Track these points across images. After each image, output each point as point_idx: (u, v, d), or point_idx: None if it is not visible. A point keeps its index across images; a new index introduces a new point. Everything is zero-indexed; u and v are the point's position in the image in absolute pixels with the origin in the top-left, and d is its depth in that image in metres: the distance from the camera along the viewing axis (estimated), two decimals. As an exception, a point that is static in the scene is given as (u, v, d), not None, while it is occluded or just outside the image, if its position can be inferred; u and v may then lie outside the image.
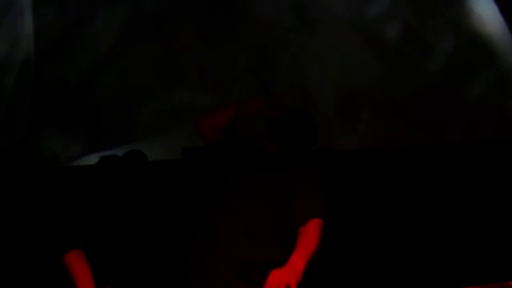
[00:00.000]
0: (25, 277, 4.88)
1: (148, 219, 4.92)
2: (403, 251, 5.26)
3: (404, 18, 5.87)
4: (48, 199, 5.48)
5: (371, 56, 5.89)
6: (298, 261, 3.66)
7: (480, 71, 5.80)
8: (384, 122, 5.77)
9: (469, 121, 5.70)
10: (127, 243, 4.33)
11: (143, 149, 5.49)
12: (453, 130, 5.69)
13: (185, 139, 5.61)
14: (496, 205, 5.35)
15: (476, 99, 5.78)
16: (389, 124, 5.75)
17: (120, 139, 5.86)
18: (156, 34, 5.99)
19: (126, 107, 5.93)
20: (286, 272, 3.55)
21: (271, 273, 3.53)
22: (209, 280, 3.79)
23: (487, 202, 5.37)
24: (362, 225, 5.32)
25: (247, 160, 4.18)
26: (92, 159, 5.85)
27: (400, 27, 5.82)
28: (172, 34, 6.00)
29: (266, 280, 3.52)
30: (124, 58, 6.02)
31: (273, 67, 5.89)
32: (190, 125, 5.59)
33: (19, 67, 6.13)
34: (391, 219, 5.32)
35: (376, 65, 5.87)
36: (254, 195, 3.98)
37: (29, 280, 4.82)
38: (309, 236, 3.83)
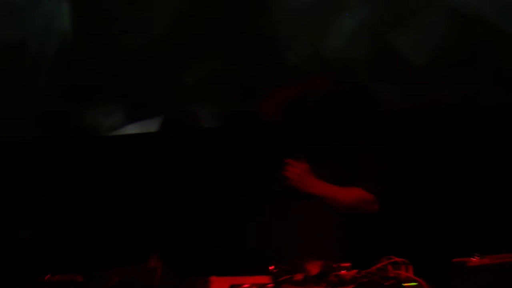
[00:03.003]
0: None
1: (191, 187, 4.94)
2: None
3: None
4: (92, 169, 5.52)
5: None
6: (323, 185, 3.83)
7: None
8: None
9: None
10: (170, 209, 4.35)
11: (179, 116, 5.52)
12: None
13: (227, 106, 5.59)
14: None
15: None
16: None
17: (160, 108, 5.85)
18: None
19: (167, 75, 5.91)
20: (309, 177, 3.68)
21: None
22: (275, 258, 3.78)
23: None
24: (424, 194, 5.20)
25: (307, 136, 4.17)
26: (133, 128, 5.88)
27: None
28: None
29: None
30: (162, 26, 5.99)
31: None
32: (230, 92, 5.59)
33: (58, 39, 6.14)
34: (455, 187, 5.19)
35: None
36: (316, 172, 3.99)
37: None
38: (353, 191, 3.90)
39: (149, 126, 5.67)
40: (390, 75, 5.28)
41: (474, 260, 3.14)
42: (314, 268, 3.18)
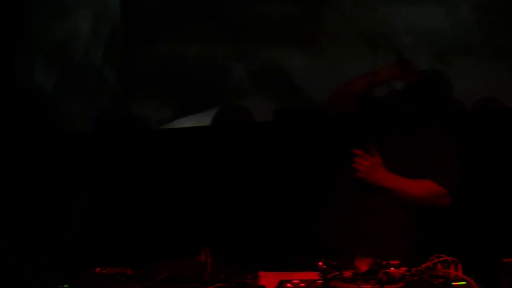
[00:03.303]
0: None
1: (242, 180, 4.96)
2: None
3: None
4: (141, 162, 5.56)
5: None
6: (394, 178, 3.81)
7: None
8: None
9: None
10: (219, 204, 4.37)
11: (233, 111, 5.53)
12: None
13: (276, 101, 5.60)
14: None
15: None
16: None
17: (210, 101, 5.88)
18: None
19: (216, 69, 5.94)
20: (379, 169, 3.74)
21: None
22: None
23: None
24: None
25: (382, 125, 4.15)
26: (183, 122, 5.92)
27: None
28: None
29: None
30: (212, 21, 6.02)
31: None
32: (280, 87, 5.60)
33: (108, 34, 6.20)
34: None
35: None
36: (391, 163, 3.97)
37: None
38: (424, 183, 3.89)
39: (202, 120, 5.70)
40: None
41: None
42: (363, 265, 3.17)
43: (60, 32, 6.31)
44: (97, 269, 3.51)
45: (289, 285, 3.13)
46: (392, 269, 3.17)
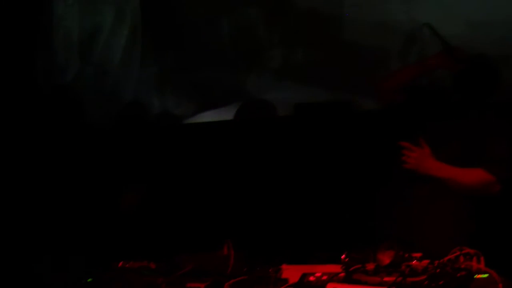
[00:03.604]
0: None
1: (261, 175, 4.97)
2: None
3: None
4: (164, 157, 5.59)
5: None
6: (444, 167, 3.80)
7: None
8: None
9: None
10: (241, 198, 4.38)
11: (254, 105, 5.54)
12: None
13: (296, 96, 5.60)
14: None
15: None
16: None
17: (231, 96, 5.89)
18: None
19: (237, 64, 5.95)
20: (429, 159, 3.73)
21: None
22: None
23: None
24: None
25: (431, 115, 4.12)
26: (204, 117, 5.93)
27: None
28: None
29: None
30: (234, 15, 6.03)
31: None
32: (301, 81, 5.60)
33: (128, 31, 6.22)
34: None
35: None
36: (441, 153, 3.95)
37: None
38: (474, 172, 3.86)
39: (224, 114, 5.72)
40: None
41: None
42: (385, 257, 3.17)
43: (81, 26, 6.33)
44: (120, 263, 3.54)
45: (311, 277, 3.14)
46: (415, 261, 3.18)
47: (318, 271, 3.22)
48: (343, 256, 3.27)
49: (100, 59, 6.28)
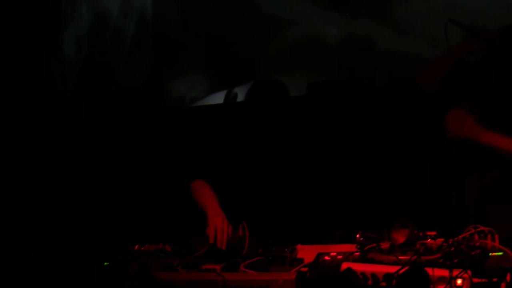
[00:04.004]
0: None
1: (275, 156, 4.96)
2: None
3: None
4: (178, 138, 5.59)
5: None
6: (483, 130, 3.74)
7: None
8: None
9: None
10: (255, 179, 4.38)
11: (267, 86, 5.53)
12: None
13: (310, 75, 5.58)
14: None
15: None
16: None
17: (244, 77, 5.88)
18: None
19: (249, 44, 5.93)
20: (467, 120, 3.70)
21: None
22: None
23: None
24: None
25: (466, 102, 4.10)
26: (216, 98, 5.93)
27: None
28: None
29: None
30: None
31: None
32: (314, 61, 5.58)
33: (138, 12, 6.21)
34: None
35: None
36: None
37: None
38: None
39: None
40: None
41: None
42: (400, 236, 3.18)
43: (90, 11, 6.32)
44: (136, 246, 3.55)
45: (327, 257, 3.15)
46: (429, 240, 3.19)
47: (333, 250, 3.23)
48: (358, 235, 3.28)
49: (108, 46, 6.27)
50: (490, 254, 2.97)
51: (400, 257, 2.99)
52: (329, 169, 4.70)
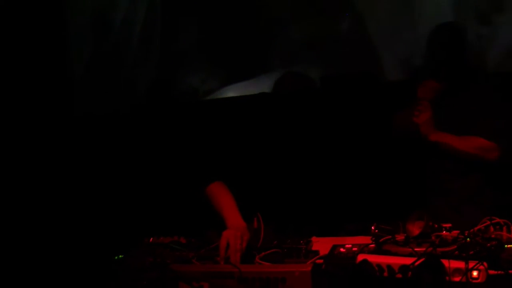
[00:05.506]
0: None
1: (288, 149, 4.96)
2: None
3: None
4: (191, 132, 5.60)
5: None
6: (442, 134, 3.88)
7: None
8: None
9: None
10: (269, 172, 4.37)
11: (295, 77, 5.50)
12: None
13: (322, 68, 5.58)
14: None
15: None
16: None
17: (256, 70, 5.88)
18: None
19: (261, 37, 5.92)
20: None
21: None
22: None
23: None
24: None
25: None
26: (230, 91, 5.93)
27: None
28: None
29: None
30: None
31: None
32: (327, 54, 5.57)
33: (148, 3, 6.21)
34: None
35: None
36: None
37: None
38: (472, 139, 3.93)
39: (249, 88, 5.71)
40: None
41: None
42: (415, 228, 3.18)
43: (99, 2, 6.32)
44: (151, 239, 3.56)
45: (342, 249, 3.16)
46: (444, 232, 3.19)
47: (348, 243, 3.24)
48: (372, 227, 3.28)
49: (117, 37, 6.27)
50: (506, 246, 2.97)
51: (416, 249, 2.99)
52: (343, 161, 4.68)
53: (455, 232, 3.14)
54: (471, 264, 2.72)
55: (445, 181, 4.02)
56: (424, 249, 2.98)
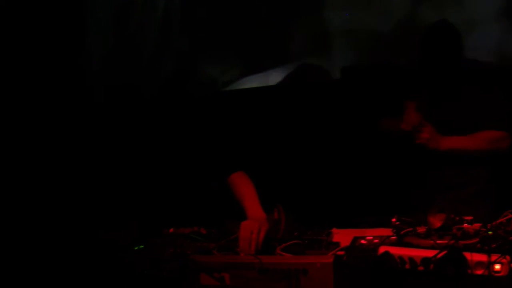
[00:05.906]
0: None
1: (308, 139, 4.97)
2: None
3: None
4: (213, 123, 5.60)
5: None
6: (451, 139, 3.88)
7: None
8: None
9: None
10: (290, 162, 4.38)
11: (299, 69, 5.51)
12: None
13: (342, 59, 5.57)
14: None
15: None
16: None
17: (276, 61, 5.87)
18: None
19: (281, 28, 5.92)
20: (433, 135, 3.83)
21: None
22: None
23: None
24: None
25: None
26: (248, 82, 5.94)
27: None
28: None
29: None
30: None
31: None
32: (346, 45, 5.56)
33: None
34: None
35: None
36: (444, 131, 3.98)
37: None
38: (480, 135, 3.93)
39: (267, 79, 5.72)
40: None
41: None
42: (436, 221, 3.17)
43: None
44: (171, 230, 3.57)
45: (363, 241, 3.15)
46: (466, 224, 3.17)
47: (369, 234, 3.23)
48: (393, 220, 3.28)
49: (135, 30, 6.28)
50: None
51: (438, 241, 2.98)
52: (363, 153, 4.68)
53: (476, 225, 3.13)
54: (494, 257, 2.71)
55: (452, 176, 4.01)
56: (446, 241, 2.97)
